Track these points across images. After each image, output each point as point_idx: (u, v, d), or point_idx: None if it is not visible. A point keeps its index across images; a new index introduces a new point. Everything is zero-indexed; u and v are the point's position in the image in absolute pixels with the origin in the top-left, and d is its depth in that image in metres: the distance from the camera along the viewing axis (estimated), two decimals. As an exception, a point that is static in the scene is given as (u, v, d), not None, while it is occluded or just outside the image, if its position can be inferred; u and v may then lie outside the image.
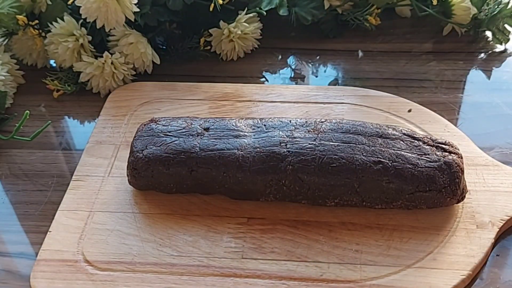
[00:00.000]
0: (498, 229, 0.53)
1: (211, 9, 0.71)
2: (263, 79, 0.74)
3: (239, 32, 0.73)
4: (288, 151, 0.54)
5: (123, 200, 0.57)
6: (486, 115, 0.67)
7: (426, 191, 0.53)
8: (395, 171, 0.52)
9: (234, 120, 0.58)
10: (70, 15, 0.69)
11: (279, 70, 0.76)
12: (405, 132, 0.56)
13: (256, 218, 0.55)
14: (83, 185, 0.59)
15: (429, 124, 0.63)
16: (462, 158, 0.55)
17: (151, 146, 0.56)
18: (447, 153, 0.54)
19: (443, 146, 0.55)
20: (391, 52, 0.76)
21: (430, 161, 0.53)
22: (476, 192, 0.56)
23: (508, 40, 0.76)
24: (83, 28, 0.69)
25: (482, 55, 0.76)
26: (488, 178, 0.57)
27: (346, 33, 0.80)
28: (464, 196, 0.54)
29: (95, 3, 0.65)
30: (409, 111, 0.65)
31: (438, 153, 0.54)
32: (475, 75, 0.73)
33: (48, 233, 0.54)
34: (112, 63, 0.69)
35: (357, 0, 0.79)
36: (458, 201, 0.54)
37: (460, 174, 0.53)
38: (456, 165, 0.53)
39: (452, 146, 0.55)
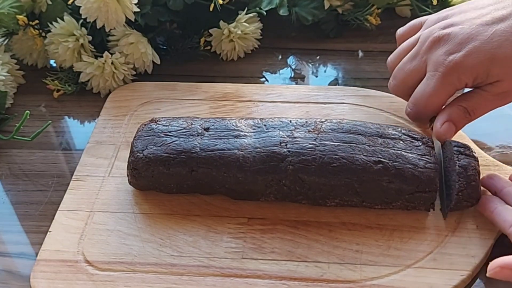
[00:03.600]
0: (498, 229, 0.53)
1: (211, 9, 0.71)
2: (263, 79, 0.74)
3: (239, 32, 0.73)
4: (289, 151, 0.54)
5: (123, 200, 0.57)
6: (487, 115, 0.66)
7: (426, 191, 0.53)
8: (395, 171, 0.52)
9: (235, 120, 0.58)
10: (70, 15, 0.69)
11: (279, 70, 0.76)
12: (405, 132, 0.56)
13: (257, 218, 0.55)
14: (83, 185, 0.59)
15: (429, 124, 0.63)
16: (477, 161, 0.54)
17: (152, 146, 0.56)
18: (463, 156, 0.54)
19: (460, 148, 0.54)
20: (392, 52, 0.76)
21: (430, 162, 0.53)
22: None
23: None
24: (83, 28, 0.69)
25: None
26: (489, 178, 0.57)
27: (346, 33, 0.80)
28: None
29: (95, 3, 0.65)
30: (410, 111, 0.65)
31: (455, 156, 0.53)
32: (475, 75, 0.73)
33: (48, 233, 0.54)
34: (112, 63, 0.69)
35: (357, 0, 0.79)
36: (473, 205, 0.53)
37: (477, 178, 0.53)
38: (472, 168, 0.53)
39: (468, 149, 0.54)
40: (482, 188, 0.54)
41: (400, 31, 0.64)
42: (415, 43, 0.58)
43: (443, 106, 0.57)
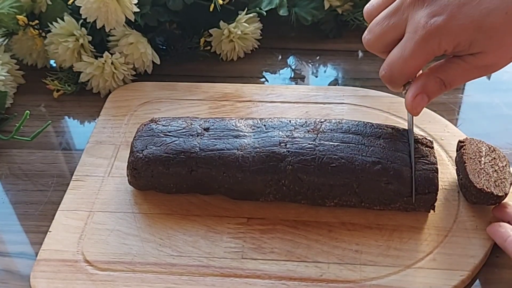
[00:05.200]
0: (497, 229, 0.53)
1: (211, 9, 0.71)
2: (263, 79, 0.74)
3: (239, 32, 0.73)
4: (288, 151, 0.54)
5: (123, 200, 0.57)
6: (486, 115, 0.67)
7: (426, 193, 0.53)
8: (394, 172, 0.52)
9: (234, 120, 0.58)
10: (70, 15, 0.69)
11: (279, 70, 0.76)
12: (404, 133, 0.56)
13: (256, 218, 0.55)
14: (83, 185, 0.59)
15: (429, 124, 0.63)
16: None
17: (151, 146, 0.56)
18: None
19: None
20: (391, 52, 0.76)
21: (428, 163, 0.53)
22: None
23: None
24: (83, 28, 0.69)
25: (482, 55, 0.75)
26: (488, 179, 0.57)
27: (346, 33, 0.80)
28: None
29: (95, 3, 0.65)
30: (409, 111, 0.65)
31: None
32: (475, 75, 0.73)
33: (48, 233, 0.54)
34: (112, 63, 0.69)
35: (357, 0, 0.79)
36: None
37: None
38: None
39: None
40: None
41: None
42: None
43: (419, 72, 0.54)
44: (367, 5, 0.55)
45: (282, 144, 0.54)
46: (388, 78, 0.53)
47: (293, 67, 0.76)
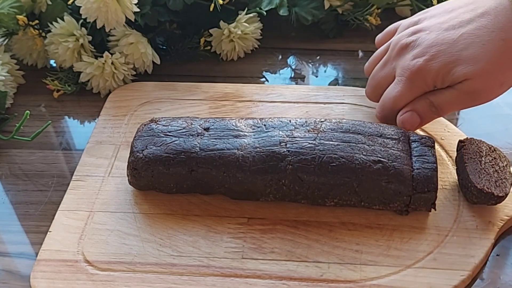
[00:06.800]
0: (498, 229, 0.53)
1: (211, 9, 0.71)
2: (263, 79, 0.74)
3: (239, 32, 0.73)
4: (288, 151, 0.54)
5: (123, 200, 0.57)
6: (486, 115, 0.67)
7: (425, 192, 0.53)
8: (395, 171, 0.52)
9: (234, 120, 0.58)
10: (70, 15, 0.69)
11: (279, 70, 0.76)
12: (403, 132, 0.56)
13: (256, 218, 0.55)
14: (83, 185, 0.59)
15: (429, 124, 0.63)
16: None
17: (151, 146, 0.56)
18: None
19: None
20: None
21: (427, 162, 0.53)
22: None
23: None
24: (83, 28, 0.69)
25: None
26: (488, 178, 0.57)
27: (346, 33, 0.80)
28: None
29: (95, 3, 0.65)
30: (409, 111, 0.65)
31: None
32: (475, 75, 0.72)
33: (48, 233, 0.54)
34: (112, 63, 0.69)
35: (357, 0, 0.79)
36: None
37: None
38: None
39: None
40: None
41: (378, 37, 0.66)
42: (387, 50, 0.60)
43: None
44: (366, 63, 0.65)
45: (282, 144, 0.54)
46: (382, 117, 0.60)
47: (293, 67, 0.76)
